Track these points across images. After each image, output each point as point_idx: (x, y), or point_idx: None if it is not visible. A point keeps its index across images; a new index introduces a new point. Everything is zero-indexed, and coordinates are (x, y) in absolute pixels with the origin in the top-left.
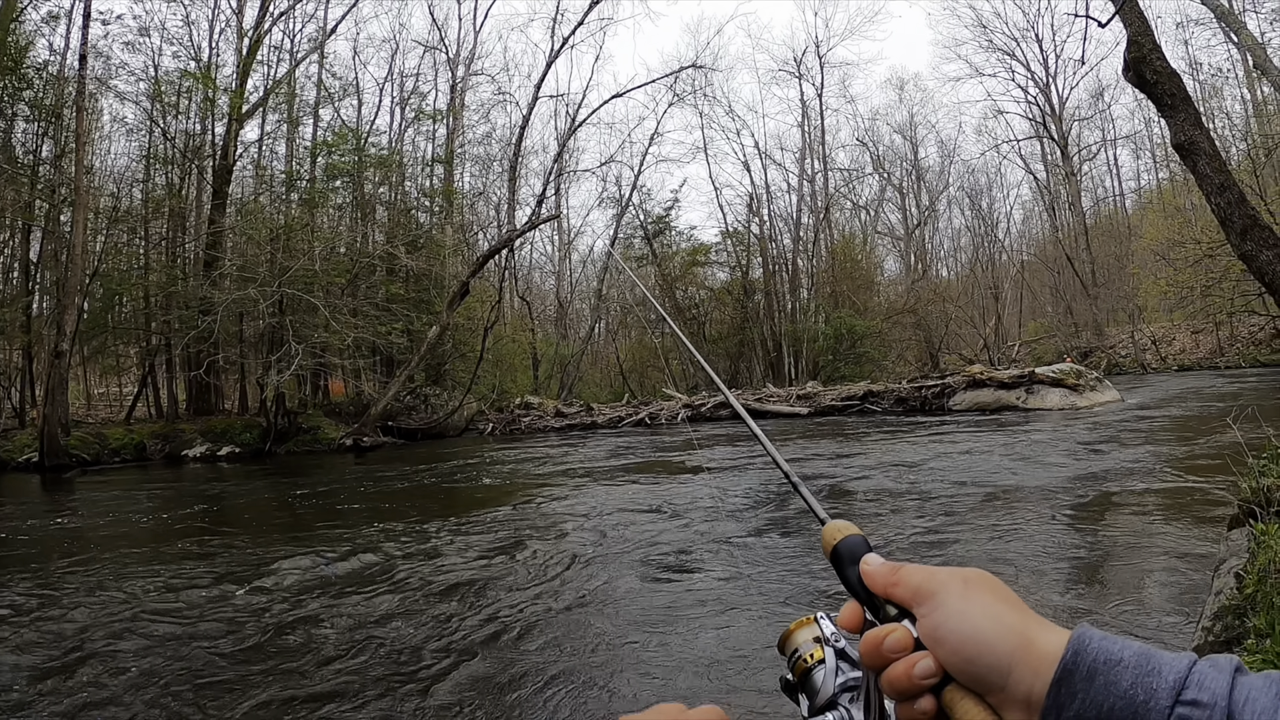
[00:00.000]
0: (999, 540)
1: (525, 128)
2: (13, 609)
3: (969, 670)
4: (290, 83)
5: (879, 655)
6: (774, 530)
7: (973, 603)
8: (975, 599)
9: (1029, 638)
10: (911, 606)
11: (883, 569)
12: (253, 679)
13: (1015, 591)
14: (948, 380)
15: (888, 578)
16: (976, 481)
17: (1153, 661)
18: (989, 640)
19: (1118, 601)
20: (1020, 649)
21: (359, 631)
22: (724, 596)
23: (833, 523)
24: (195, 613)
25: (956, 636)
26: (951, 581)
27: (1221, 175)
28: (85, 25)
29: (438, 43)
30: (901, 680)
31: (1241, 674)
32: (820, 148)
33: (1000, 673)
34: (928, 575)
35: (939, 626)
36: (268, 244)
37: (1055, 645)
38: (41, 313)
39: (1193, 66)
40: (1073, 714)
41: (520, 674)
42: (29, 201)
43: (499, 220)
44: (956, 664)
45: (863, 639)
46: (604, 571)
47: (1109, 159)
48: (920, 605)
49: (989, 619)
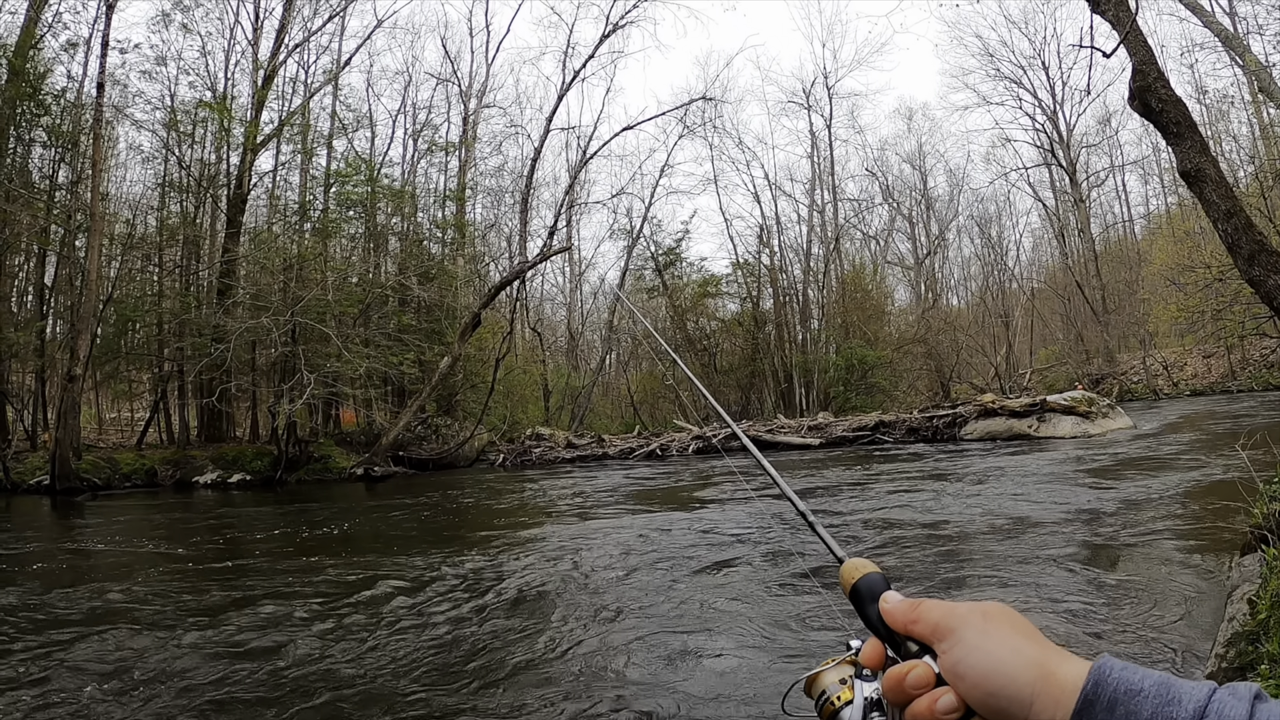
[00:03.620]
0: (1012, 570)
1: (537, 160)
2: (14, 631)
3: (991, 704)
4: (304, 114)
5: (901, 692)
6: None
7: (992, 637)
8: (994, 633)
9: (1049, 669)
10: (932, 643)
11: (902, 606)
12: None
13: (1030, 621)
14: (959, 410)
15: (907, 615)
16: (990, 512)
17: (1173, 691)
18: (1010, 673)
19: (1131, 628)
20: (1041, 681)
21: (371, 658)
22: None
23: (851, 560)
24: (211, 641)
25: (977, 671)
26: (970, 616)
27: (1228, 201)
28: (103, 54)
29: (450, 75)
30: (924, 716)
31: (1261, 701)
32: (830, 178)
33: (1022, 705)
34: (946, 611)
35: (959, 662)
36: (281, 273)
37: (1075, 676)
38: (55, 337)
39: (1199, 90)
40: None
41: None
42: (45, 226)
43: (510, 252)
44: (978, 698)
45: (884, 676)
46: (617, 621)
47: (1117, 185)
48: (940, 641)
49: (1009, 652)
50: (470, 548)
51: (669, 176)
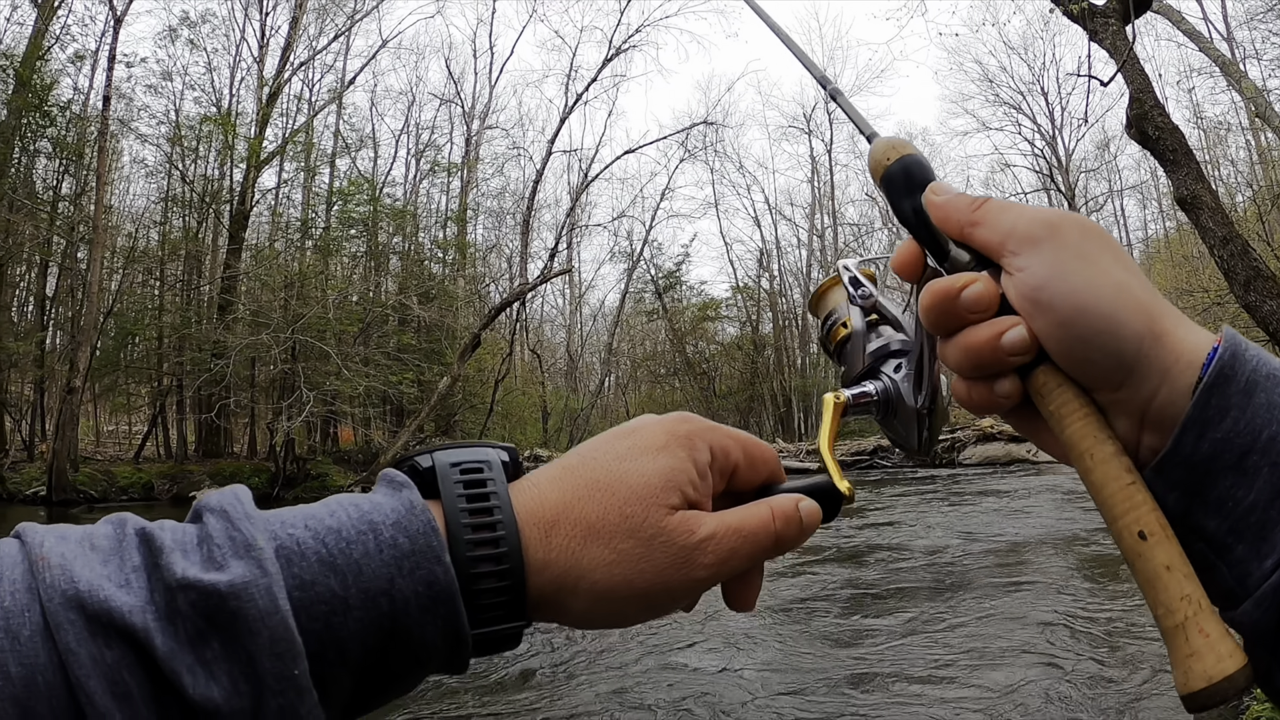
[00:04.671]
0: (1013, 592)
1: (538, 182)
2: None
3: (1079, 353)
4: (308, 131)
5: (950, 313)
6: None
7: (1093, 262)
8: (1096, 258)
9: (1162, 326)
10: (1000, 255)
11: (960, 200)
12: None
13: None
14: (958, 434)
15: (966, 211)
16: (988, 535)
17: None
18: (1114, 316)
19: (1123, 653)
20: (1151, 338)
21: None
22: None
23: (884, 138)
24: None
25: (1070, 303)
26: (1065, 227)
27: (1224, 228)
28: (110, 67)
29: (454, 96)
30: (984, 350)
31: None
32: (830, 203)
33: (1122, 363)
34: (1030, 215)
35: (1045, 286)
36: (282, 290)
37: (1196, 343)
38: (55, 348)
39: (1197, 116)
40: (1220, 436)
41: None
42: (47, 237)
43: (511, 273)
44: (1064, 341)
45: (924, 291)
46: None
47: (1116, 209)
48: (1018, 254)
49: (1113, 288)
50: None
51: (670, 200)
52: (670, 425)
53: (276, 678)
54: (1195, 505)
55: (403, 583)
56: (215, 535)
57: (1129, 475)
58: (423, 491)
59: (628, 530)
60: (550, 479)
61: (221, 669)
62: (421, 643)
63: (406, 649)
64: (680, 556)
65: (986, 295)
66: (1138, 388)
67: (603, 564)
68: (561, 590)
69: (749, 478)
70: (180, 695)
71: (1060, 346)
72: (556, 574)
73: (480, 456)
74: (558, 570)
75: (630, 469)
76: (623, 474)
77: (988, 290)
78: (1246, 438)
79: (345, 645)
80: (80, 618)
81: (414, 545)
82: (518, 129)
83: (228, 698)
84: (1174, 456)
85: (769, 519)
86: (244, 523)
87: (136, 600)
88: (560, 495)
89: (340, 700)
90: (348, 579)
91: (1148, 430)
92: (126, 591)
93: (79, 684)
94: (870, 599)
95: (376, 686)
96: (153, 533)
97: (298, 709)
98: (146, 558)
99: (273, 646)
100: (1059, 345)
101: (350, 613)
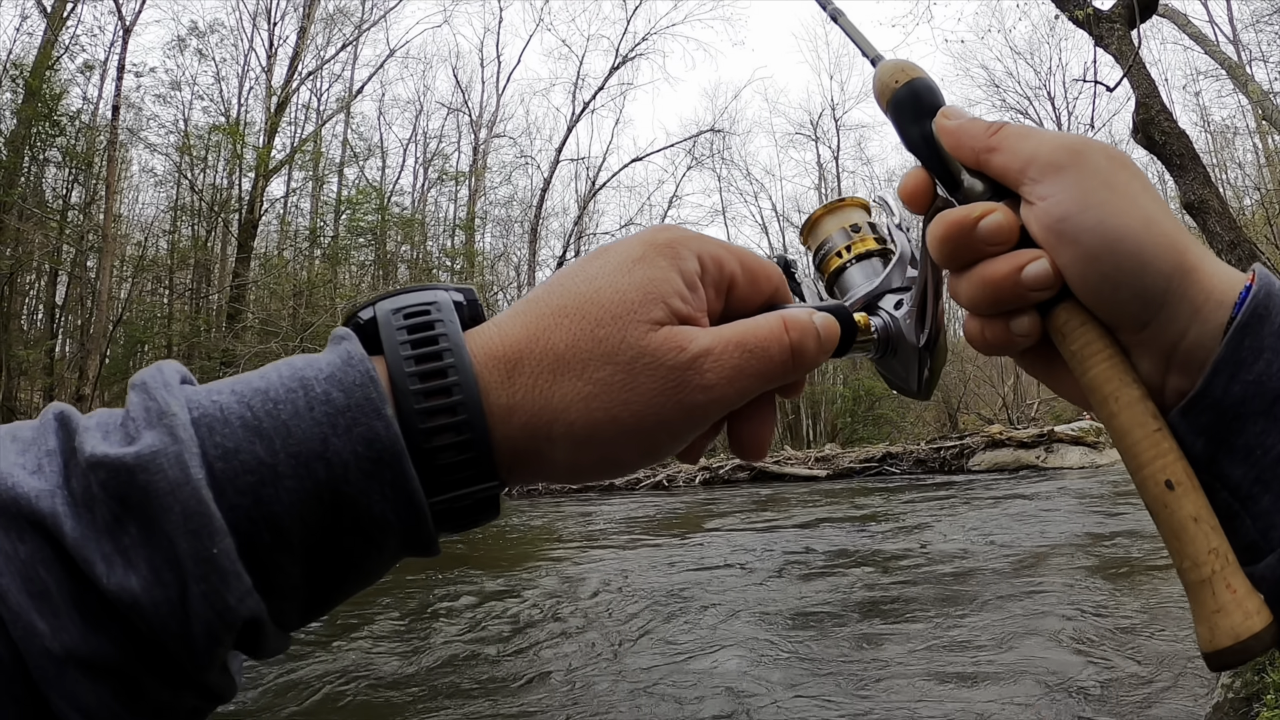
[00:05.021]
0: (1028, 598)
1: (546, 190)
2: None
3: (1105, 291)
4: (316, 140)
5: (966, 245)
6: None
7: (1121, 193)
8: (1124, 188)
9: (1190, 263)
10: (1019, 183)
11: (976, 124)
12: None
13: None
14: (966, 441)
15: (981, 136)
16: (997, 543)
17: None
18: (1143, 249)
19: (1135, 656)
20: (1179, 274)
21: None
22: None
23: (890, 61)
24: None
25: (1098, 235)
26: (1092, 153)
27: (1232, 232)
28: (119, 77)
29: (461, 105)
30: (1003, 285)
31: None
32: None
33: (1150, 300)
34: (1052, 141)
35: (1069, 219)
36: (290, 299)
37: (1227, 280)
38: (65, 356)
39: (1203, 119)
40: (1252, 378)
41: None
42: (57, 246)
43: (519, 281)
44: (1090, 277)
45: (936, 221)
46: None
47: None
48: (1040, 181)
49: (1141, 221)
50: (481, 573)
51: (677, 208)
52: (648, 236)
53: (195, 559)
54: (1221, 452)
55: (338, 443)
56: (133, 409)
57: (1155, 421)
58: (368, 346)
59: (604, 355)
60: (512, 314)
61: (140, 555)
62: (370, 514)
63: (354, 523)
64: (671, 379)
65: (1006, 226)
66: (1165, 326)
67: (579, 399)
68: (536, 437)
69: (749, 296)
70: (98, 589)
71: (1086, 282)
72: (526, 418)
73: (426, 298)
74: (527, 414)
75: (602, 287)
76: (593, 293)
77: (1007, 220)
78: (1278, 381)
79: (280, 521)
80: None
81: (349, 399)
82: (525, 137)
83: (147, 587)
84: (1203, 399)
85: (780, 328)
86: (160, 391)
87: (46, 485)
88: (524, 329)
89: (291, 591)
90: (275, 443)
91: (1174, 371)
92: (38, 477)
93: None
94: (885, 604)
95: (332, 574)
96: (71, 414)
97: (224, 595)
98: (63, 440)
99: (187, 523)
100: (1084, 281)
101: (281, 482)
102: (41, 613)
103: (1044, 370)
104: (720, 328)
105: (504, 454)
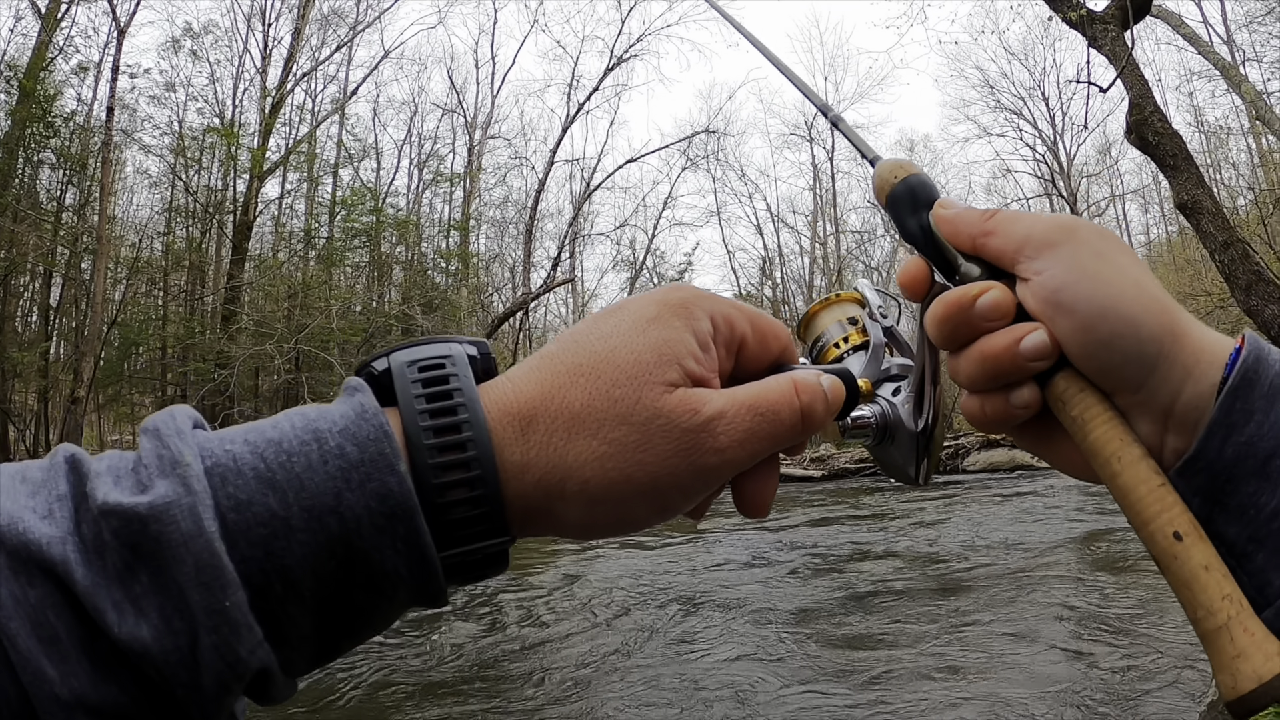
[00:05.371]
0: (1021, 598)
1: (541, 191)
2: None
3: (1101, 356)
4: (311, 142)
5: (964, 323)
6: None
7: (1110, 262)
8: (1114, 259)
9: (1180, 328)
10: (1015, 263)
11: (970, 212)
12: None
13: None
14: (961, 441)
15: (979, 223)
16: (994, 542)
17: None
18: (1135, 315)
19: (1133, 653)
20: (1170, 339)
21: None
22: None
23: (888, 160)
24: None
25: (1091, 305)
26: (1082, 231)
27: (1225, 232)
28: (114, 78)
29: (456, 106)
30: (1002, 358)
31: None
32: (832, 210)
33: (1144, 363)
34: (1045, 222)
35: (1065, 289)
36: (285, 300)
37: (1216, 344)
38: (59, 358)
39: (1197, 119)
40: (1244, 440)
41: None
42: (51, 248)
43: (514, 282)
44: (1085, 344)
45: (935, 303)
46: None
47: (1118, 214)
48: (1035, 258)
49: (1132, 287)
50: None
51: (672, 209)
52: (661, 295)
53: (207, 611)
54: (1217, 511)
55: (351, 497)
56: (145, 456)
57: (1158, 477)
58: (381, 398)
59: (619, 415)
60: (526, 370)
61: (151, 604)
62: (382, 569)
63: (366, 577)
64: (685, 441)
65: (1004, 302)
66: (1160, 387)
67: (593, 458)
68: (549, 494)
69: (758, 355)
70: (109, 637)
71: (1083, 349)
72: (539, 475)
73: (441, 351)
74: (540, 471)
75: (617, 346)
76: (608, 353)
77: (1004, 297)
78: (1271, 442)
79: (292, 574)
80: (0, 554)
81: (363, 454)
82: (520, 138)
83: (158, 637)
84: (1198, 460)
85: (791, 392)
86: (173, 439)
87: (57, 531)
88: (538, 386)
89: (300, 641)
90: (288, 496)
91: (1171, 432)
92: (49, 523)
93: (0, 627)
94: (884, 603)
95: (341, 624)
96: (82, 458)
97: (235, 647)
98: (74, 485)
99: (199, 575)
100: (1081, 348)
101: (293, 535)
102: (51, 658)
103: (1043, 444)
104: (733, 390)
105: (516, 510)
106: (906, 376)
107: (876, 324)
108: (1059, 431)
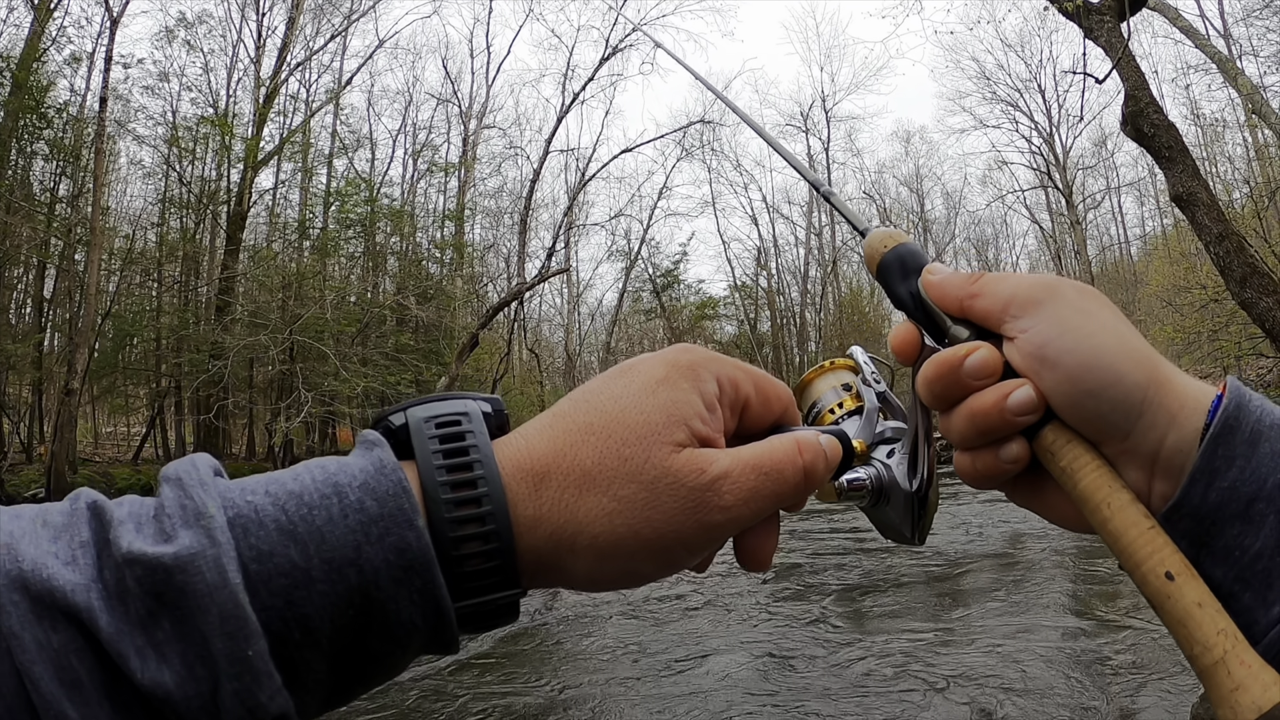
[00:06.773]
0: (1019, 594)
1: (536, 181)
2: None
3: (1087, 406)
4: (305, 132)
5: (954, 382)
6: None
7: (1093, 318)
8: (1096, 314)
9: (1163, 376)
10: (1001, 323)
11: (957, 276)
12: None
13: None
14: None
15: (964, 287)
16: (991, 537)
17: None
18: (1119, 366)
19: (1129, 648)
20: (1154, 387)
21: None
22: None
23: (878, 230)
24: None
25: (1075, 359)
26: (1063, 289)
27: (1219, 225)
28: (107, 68)
29: (451, 96)
30: (991, 414)
31: None
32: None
33: (1128, 413)
34: (1028, 281)
35: (1049, 344)
36: (279, 291)
37: (1199, 392)
38: (53, 349)
39: (1193, 112)
40: (1227, 484)
41: None
42: (45, 239)
43: (509, 272)
44: (1071, 396)
45: (926, 364)
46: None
47: (1113, 206)
48: (1020, 317)
49: (1115, 340)
50: None
51: (667, 199)
52: (670, 357)
53: (230, 660)
54: (1203, 554)
55: (371, 551)
56: (168, 505)
57: (1147, 520)
58: (398, 452)
59: (628, 474)
60: (538, 428)
61: (174, 651)
62: (398, 619)
63: (383, 626)
64: (691, 499)
65: (991, 360)
66: (1145, 434)
67: (603, 514)
68: (559, 549)
69: (761, 415)
70: (131, 682)
71: (1068, 401)
72: (551, 530)
73: (458, 408)
74: (552, 526)
75: (628, 407)
76: (619, 413)
77: (991, 356)
78: (1253, 486)
79: (311, 623)
80: (24, 599)
81: (382, 509)
82: (515, 128)
83: (180, 683)
84: (1182, 506)
85: (795, 451)
86: (197, 490)
87: (81, 578)
88: (550, 444)
89: (316, 685)
90: (309, 549)
91: (1158, 478)
92: (72, 569)
93: (24, 670)
94: (884, 602)
95: (355, 670)
96: (104, 506)
97: (255, 694)
98: (96, 532)
99: (223, 625)
100: (1067, 400)
101: (314, 586)
102: (74, 701)
103: (1035, 497)
104: (738, 450)
105: (528, 563)
106: (900, 439)
107: (870, 389)
108: (1050, 484)
